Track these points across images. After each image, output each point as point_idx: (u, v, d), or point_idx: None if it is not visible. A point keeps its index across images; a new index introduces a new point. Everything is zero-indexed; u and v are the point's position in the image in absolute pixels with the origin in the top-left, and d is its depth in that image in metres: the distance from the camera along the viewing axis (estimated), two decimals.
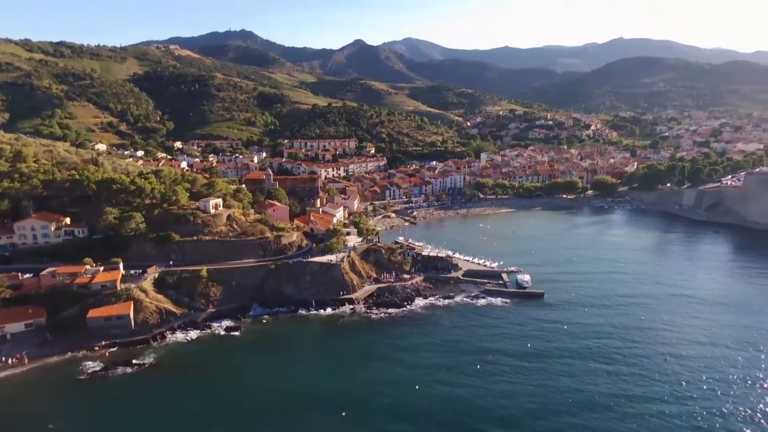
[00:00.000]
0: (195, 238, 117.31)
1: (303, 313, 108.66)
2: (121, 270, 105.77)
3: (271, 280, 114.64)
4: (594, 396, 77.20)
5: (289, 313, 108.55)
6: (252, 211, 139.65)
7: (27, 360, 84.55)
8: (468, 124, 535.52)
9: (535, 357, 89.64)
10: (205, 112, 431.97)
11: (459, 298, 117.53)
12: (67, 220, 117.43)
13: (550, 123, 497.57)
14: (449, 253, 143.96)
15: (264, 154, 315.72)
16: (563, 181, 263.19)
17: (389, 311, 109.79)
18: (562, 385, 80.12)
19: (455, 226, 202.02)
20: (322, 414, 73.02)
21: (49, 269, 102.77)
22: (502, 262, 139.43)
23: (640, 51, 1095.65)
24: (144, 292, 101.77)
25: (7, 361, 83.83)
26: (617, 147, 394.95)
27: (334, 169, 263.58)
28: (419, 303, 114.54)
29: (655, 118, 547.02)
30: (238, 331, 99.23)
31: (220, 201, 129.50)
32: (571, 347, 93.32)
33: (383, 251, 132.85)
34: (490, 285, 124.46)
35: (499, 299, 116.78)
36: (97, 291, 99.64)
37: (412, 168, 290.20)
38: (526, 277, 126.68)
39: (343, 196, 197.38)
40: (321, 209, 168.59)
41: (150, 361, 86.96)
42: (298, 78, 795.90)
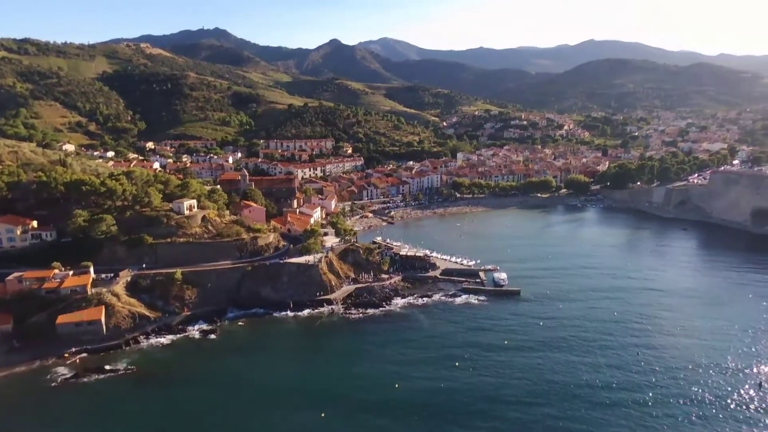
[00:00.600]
0: (169, 240, 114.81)
1: (281, 314, 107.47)
2: (92, 274, 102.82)
3: (248, 282, 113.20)
4: (569, 387, 79.20)
5: (266, 315, 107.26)
6: (227, 212, 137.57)
7: None
8: (444, 124, 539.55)
9: (512, 351, 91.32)
10: (178, 111, 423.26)
11: (437, 297, 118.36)
12: (34, 223, 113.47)
13: (525, 123, 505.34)
14: (427, 252, 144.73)
15: (239, 155, 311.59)
16: (538, 180, 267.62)
17: (368, 311, 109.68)
18: (538, 378, 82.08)
19: (433, 225, 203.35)
20: (301, 412, 72.76)
21: (15, 274, 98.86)
22: (479, 261, 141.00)
23: (610, 53, 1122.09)
24: (116, 296, 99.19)
25: None
26: (589, 146, 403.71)
27: (310, 170, 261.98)
28: (398, 302, 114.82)
29: (625, 118, 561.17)
30: (215, 335, 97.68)
31: (194, 202, 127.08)
32: (546, 341, 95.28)
33: (361, 251, 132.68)
34: (468, 283, 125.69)
35: (477, 298, 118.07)
36: (67, 296, 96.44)
37: (389, 168, 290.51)
38: (503, 275, 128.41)
39: (320, 196, 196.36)
40: (298, 210, 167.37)
41: (123, 367, 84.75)
42: (273, 77, 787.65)
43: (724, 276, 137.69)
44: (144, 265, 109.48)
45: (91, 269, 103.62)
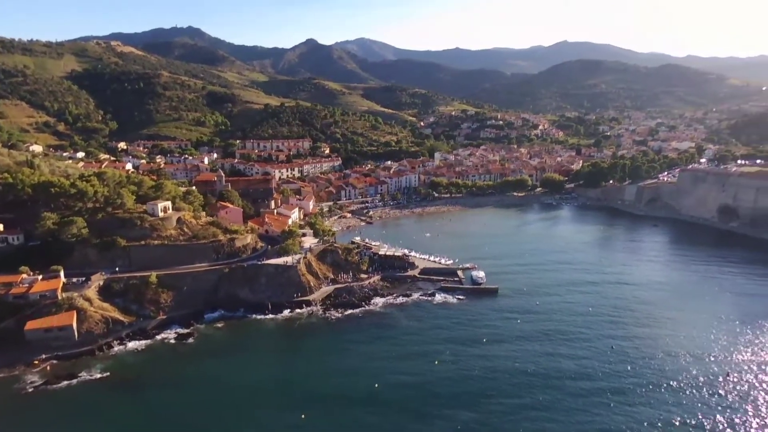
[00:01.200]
0: (143, 242, 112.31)
1: (259, 316, 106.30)
2: (62, 278, 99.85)
3: (225, 284, 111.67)
4: (549, 378, 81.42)
5: (244, 318, 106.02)
6: (203, 213, 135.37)
7: None
8: (422, 124, 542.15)
9: (491, 346, 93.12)
10: (151, 111, 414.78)
11: (416, 296, 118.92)
12: (0, 226, 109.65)
13: (501, 123, 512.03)
14: (406, 251, 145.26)
15: (215, 155, 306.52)
16: (514, 180, 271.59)
17: (347, 311, 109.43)
18: (515, 370, 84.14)
19: (411, 224, 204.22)
20: (282, 413, 72.30)
21: None
22: (457, 259, 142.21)
23: (583, 54, 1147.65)
24: (88, 300, 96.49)
25: None
26: (564, 146, 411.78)
27: (288, 170, 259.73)
28: (377, 302, 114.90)
29: (598, 118, 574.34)
30: (192, 338, 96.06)
31: (169, 204, 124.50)
32: (525, 335, 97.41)
33: (340, 251, 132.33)
34: (446, 282, 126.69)
35: (455, 296, 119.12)
36: (36, 301, 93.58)
37: (367, 168, 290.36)
38: (481, 273, 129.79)
39: (298, 197, 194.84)
40: (275, 210, 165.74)
41: (96, 373, 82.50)
42: (249, 77, 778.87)
43: (693, 270, 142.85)
44: (117, 269, 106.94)
45: (62, 273, 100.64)
